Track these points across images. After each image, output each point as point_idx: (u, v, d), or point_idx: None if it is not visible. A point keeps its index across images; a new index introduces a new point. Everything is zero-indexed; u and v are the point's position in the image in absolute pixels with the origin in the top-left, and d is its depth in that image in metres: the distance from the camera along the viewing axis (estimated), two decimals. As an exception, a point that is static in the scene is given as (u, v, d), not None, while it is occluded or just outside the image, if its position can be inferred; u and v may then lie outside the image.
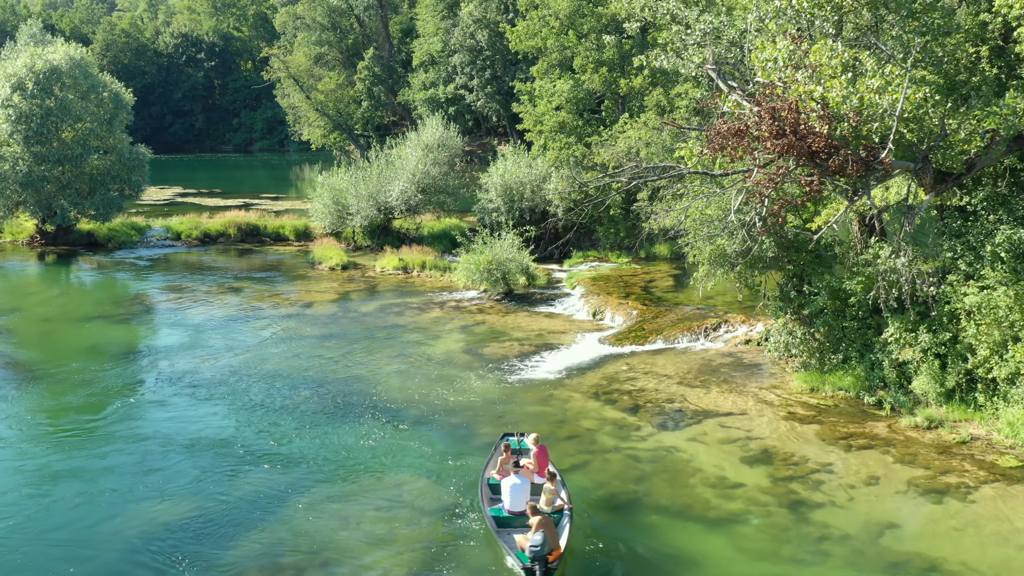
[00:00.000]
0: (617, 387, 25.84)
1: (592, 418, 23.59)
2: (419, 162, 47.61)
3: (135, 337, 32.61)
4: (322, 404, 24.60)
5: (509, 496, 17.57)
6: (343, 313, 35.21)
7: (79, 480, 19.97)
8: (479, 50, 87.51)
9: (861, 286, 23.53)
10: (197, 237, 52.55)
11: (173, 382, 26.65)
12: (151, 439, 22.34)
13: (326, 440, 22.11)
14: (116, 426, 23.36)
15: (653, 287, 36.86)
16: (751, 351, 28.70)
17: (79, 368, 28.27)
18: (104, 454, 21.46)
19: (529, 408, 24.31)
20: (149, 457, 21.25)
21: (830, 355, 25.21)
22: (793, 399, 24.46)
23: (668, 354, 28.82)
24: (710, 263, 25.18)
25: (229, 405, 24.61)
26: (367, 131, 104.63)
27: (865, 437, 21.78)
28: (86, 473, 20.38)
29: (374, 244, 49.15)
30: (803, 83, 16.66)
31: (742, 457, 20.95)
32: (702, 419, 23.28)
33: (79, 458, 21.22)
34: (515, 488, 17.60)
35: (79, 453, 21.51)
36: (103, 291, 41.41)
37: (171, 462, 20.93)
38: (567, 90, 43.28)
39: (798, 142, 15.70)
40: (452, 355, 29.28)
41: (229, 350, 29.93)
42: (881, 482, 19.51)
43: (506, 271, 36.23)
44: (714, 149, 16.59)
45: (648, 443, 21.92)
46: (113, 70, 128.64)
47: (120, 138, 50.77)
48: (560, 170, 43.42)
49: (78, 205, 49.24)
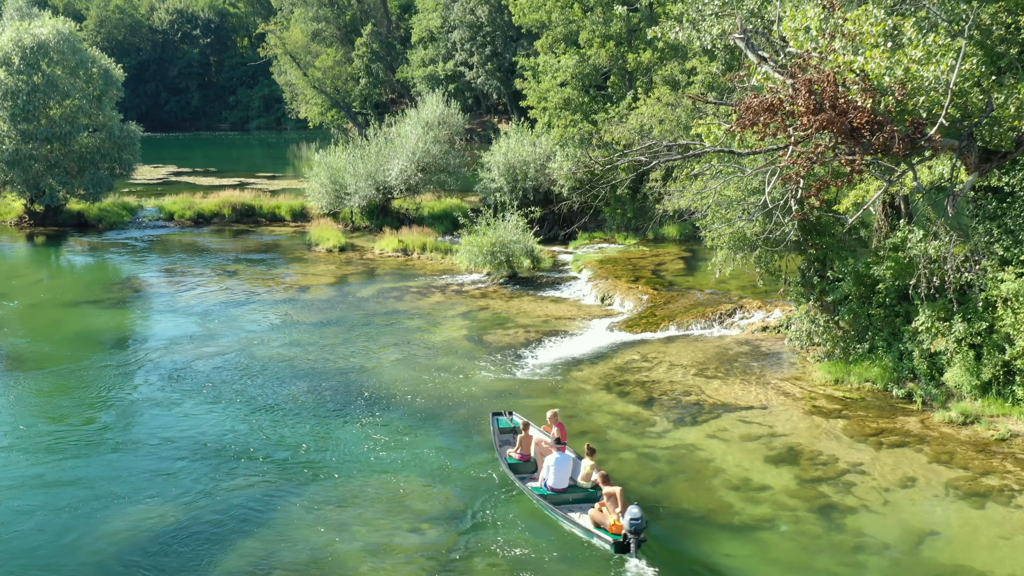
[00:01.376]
0: (630, 378, 24.48)
1: (604, 412, 22.24)
2: (419, 140, 46.03)
3: (124, 325, 31.23)
4: (319, 398, 23.25)
5: (553, 473, 17.27)
6: (341, 298, 33.81)
7: (62, 482, 18.66)
8: (479, 26, 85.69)
9: (891, 272, 22.14)
10: (190, 218, 51.01)
11: (162, 374, 25.29)
12: (138, 438, 21.02)
13: (324, 438, 20.77)
14: (101, 424, 22.04)
15: (663, 270, 35.44)
16: (768, 338, 27.34)
17: (64, 358, 26.93)
18: (88, 454, 20.13)
19: (538, 401, 22.95)
20: (135, 458, 19.92)
21: (855, 344, 23.84)
22: (817, 391, 23.11)
23: (681, 342, 27.45)
24: (729, 247, 23.74)
25: (221, 400, 23.26)
26: (365, 109, 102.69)
27: (897, 433, 20.44)
28: (69, 474, 19.08)
29: (373, 225, 47.67)
30: (841, 53, 15.20)
31: (766, 456, 19.62)
32: (721, 413, 21.93)
33: (61, 459, 19.87)
34: (559, 464, 17.34)
35: (61, 454, 20.17)
36: (92, 274, 39.98)
37: (159, 463, 19.60)
38: (572, 65, 41.68)
39: (838, 117, 14.26)
40: (454, 343, 27.91)
41: (222, 339, 28.55)
42: (917, 484, 18.19)
43: (510, 254, 34.80)
44: (744, 125, 15.14)
45: (665, 440, 20.58)
46: (107, 46, 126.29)
47: (110, 115, 49.17)
48: (565, 148, 41.88)
49: (67, 184, 47.74)
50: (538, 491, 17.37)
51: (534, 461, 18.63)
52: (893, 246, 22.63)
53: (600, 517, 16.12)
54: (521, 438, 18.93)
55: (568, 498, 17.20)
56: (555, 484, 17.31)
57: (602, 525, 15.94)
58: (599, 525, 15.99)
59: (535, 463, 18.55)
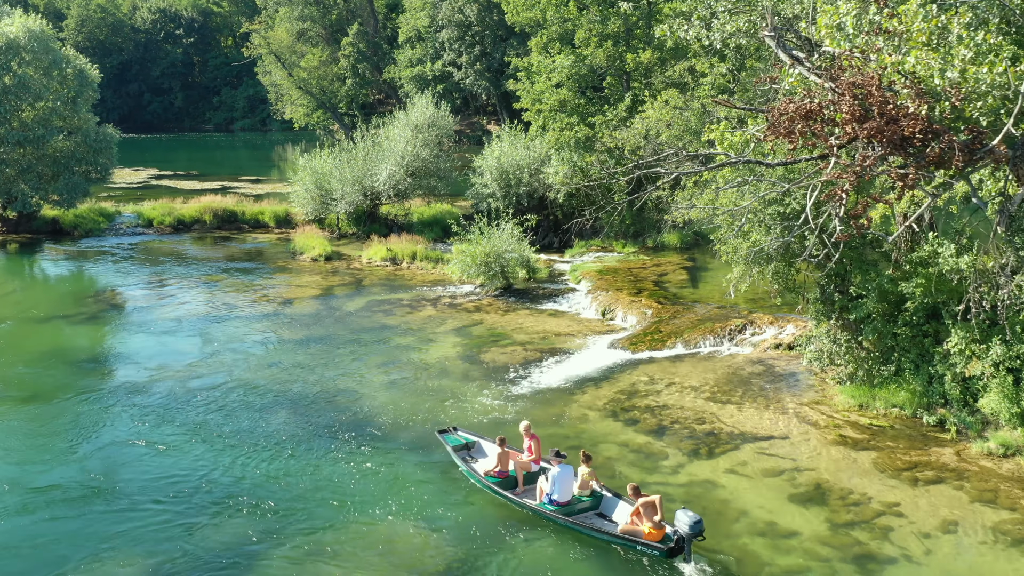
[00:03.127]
0: (637, 403, 22.75)
1: (612, 443, 20.49)
2: (408, 143, 44.21)
3: (94, 344, 29.29)
4: (302, 427, 21.41)
5: (559, 485, 16.89)
6: (327, 312, 31.96)
7: (14, 525, 16.79)
8: (468, 25, 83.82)
9: (920, 289, 20.46)
10: (170, 224, 49.00)
11: (133, 399, 23.40)
12: (103, 472, 19.14)
13: (307, 474, 18.94)
14: (64, 456, 20.12)
15: (666, 281, 33.72)
16: (782, 357, 25.66)
17: (30, 380, 25.06)
18: (48, 490, 18.24)
19: (539, 430, 21.12)
20: (100, 496, 18.08)
21: (879, 366, 22.16)
22: (840, 418, 21.42)
23: (690, 361, 25.73)
24: (746, 262, 22.01)
25: (196, 430, 21.38)
26: (352, 110, 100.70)
27: (932, 468, 18.77)
28: (25, 514, 17.19)
29: (360, 232, 45.82)
30: (887, 52, 13.51)
31: (792, 495, 17.91)
32: (739, 444, 20.21)
33: (16, 494, 17.98)
34: (564, 477, 16.92)
35: (18, 488, 18.27)
36: (65, 286, 38.02)
37: (125, 503, 17.76)
38: (568, 66, 39.90)
39: (888, 126, 12.57)
40: (448, 363, 26.13)
41: (199, 360, 26.68)
42: (961, 528, 16.51)
43: (504, 264, 33.03)
44: (778, 133, 13.42)
45: (680, 476, 18.85)
46: (88, 46, 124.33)
47: (85, 118, 47.13)
48: (561, 152, 40.13)
49: (40, 190, 45.72)
50: (545, 507, 16.96)
51: (514, 477, 18.07)
52: (920, 261, 20.98)
53: (633, 528, 15.94)
54: (500, 454, 18.19)
55: (575, 509, 16.92)
56: (561, 497, 16.89)
57: (636, 535, 15.79)
58: (633, 535, 15.81)
59: (515, 479, 18.02)
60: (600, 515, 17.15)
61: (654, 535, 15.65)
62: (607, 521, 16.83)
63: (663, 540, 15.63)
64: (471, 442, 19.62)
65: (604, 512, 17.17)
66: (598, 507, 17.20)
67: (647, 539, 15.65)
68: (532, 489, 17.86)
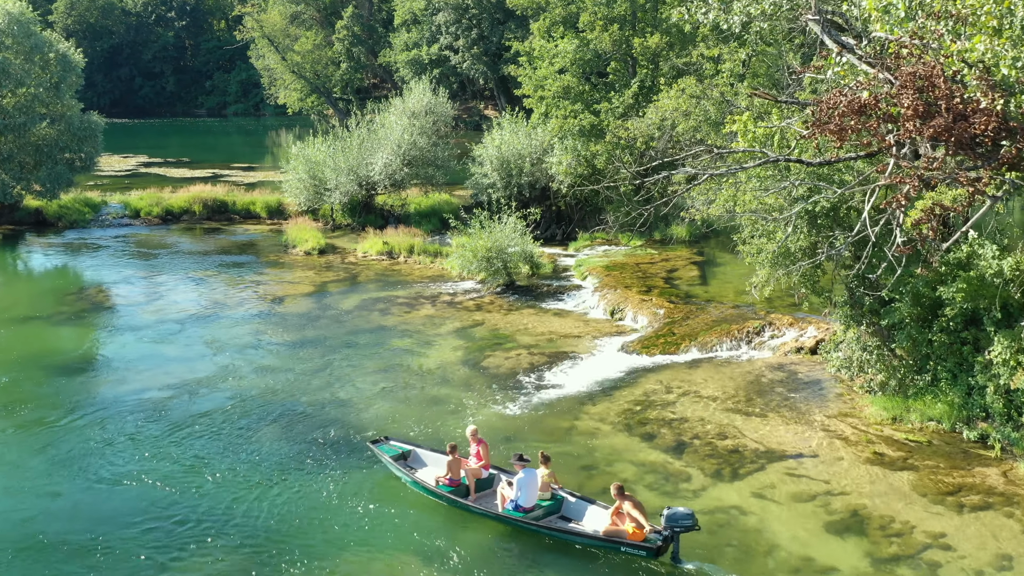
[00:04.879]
0: (653, 415, 21.18)
1: (628, 461, 18.94)
2: (404, 131, 42.45)
3: (77, 345, 27.64)
4: (293, 443, 19.82)
5: (525, 490, 16.25)
6: (320, 311, 30.33)
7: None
8: (465, 8, 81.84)
9: (961, 294, 18.88)
10: (158, 215, 47.17)
11: (112, 410, 21.80)
12: (77, 495, 17.56)
13: (297, 499, 17.37)
14: (36, 476, 18.53)
15: (676, 278, 32.09)
16: (804, 362, 24.11)
17: (5, 387, 23.44)
18: (16, 512, 16.67)
19: (548, 446, 19.57)
20: (74, 522, 16.51)
21: (914, 375, 20.62)
22: (872, 432, 19.88)
23: (707, 367, 24.18)
24: (772, 265, 20.39)
25: (178, 445, 19.78)
26: (346, 94, 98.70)
27: (977, 491, 17.25)
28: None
29: (355, 223, 44.12)
30: (951, 40, 11.88)
31: (827, 523, 16.38)
32: (765, 463, 18.67)
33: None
34: (529, 481, 16.31)
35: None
36: (47, 282, 36.36)
37: (97, 533, 16.19)
38: (572, 51, 38.13)
39: (956, 124, 10.97)
40: (448, 369, 24.54)
41: (184, 365, 25.05)
42: (1016, 563, 14.99)
43: (507, 259, 31.38)
44: (828, 131, 11.80)
45: (703, 500, 17.30)
46: (78, 29, 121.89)
47: (69, 104, 45.22)
48: (564, 141, 38.41)
49: (22, 180, 43.93)
50: (510, 513, 16.29)
51: (466, 486, 17.28)
52: (958, 263, 19.41)
53: (616, 528, 15.37)
54: (450, 462, 17.36)
55: (539, 514, 16.30)
56: (527, 502, 16.29)
57: (620, 535, 15.25)
58: (616, 536, 15.27)
59: (467, 488, 17.24)
60: (563, 518, 16.51)
61: (637, 535, 15.15)
62: (572, 524, 16.26)
63: (648, 540, 15.11)
64: (407, 451, 18.71)
65: (567, 515, 16.55)
66: (559, 510, 16.61)
67: (631, 539, 15.14)
68: (485, 496, 17.16)
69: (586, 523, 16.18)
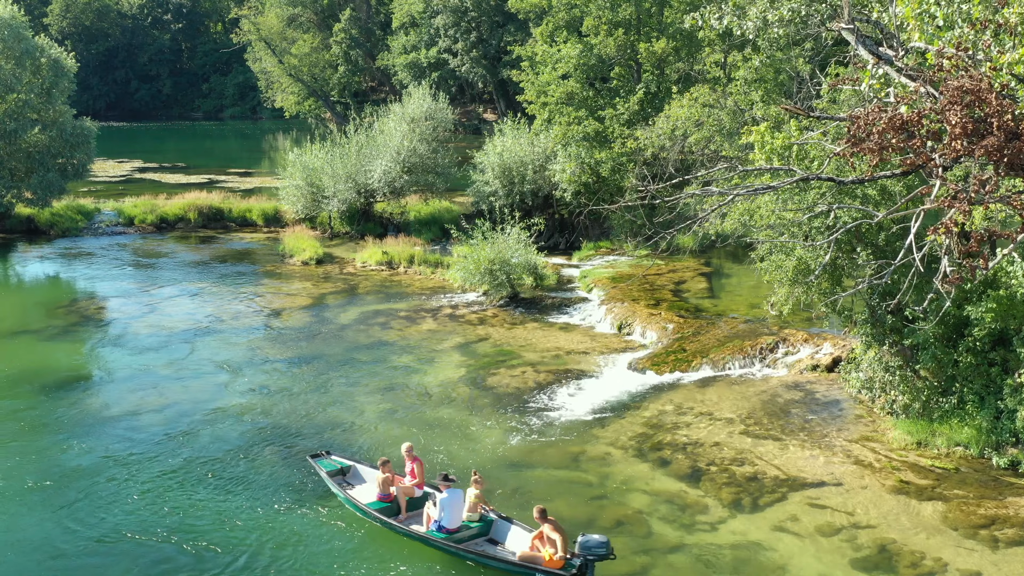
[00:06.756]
0: (665, 439, 20.29)
1: (641, 491, 18.04)
2: (404, 138, 41.57)
3: (67, 361, 26.69)
4: (289, 471, 18.90)
5: (449, 511, 15.82)
6: (318, 325, 29.41)
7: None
8: (464, 11, 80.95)
9: (991, 314, 18.03)
10: (152, 223, 46.19)
11: (102, 434, 20.88)
12: (65, 526, 16.65)
13: (293, 538, 16.45)
14: (18, 510, 17.62)
15: (684, 291, 31.20)
16: (821, 380, 23.23)
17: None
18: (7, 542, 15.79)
19: (556, 473, 18.79)
20: (53, 553, 15.61)
21: (938, 398, 19.75)
22: (896, 458, 18.99)
23: (719, 385, 23.29)
24: (792, 283, 19.50)
25: (170, 474, 18.85)
26: (344, 97, 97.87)
27: (1012, 523, 16.36)
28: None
29: (353, 231, 43.23)
30: (997, 50, 11.01)
31: (854, 560, 15.50)
32: (786, 493, 17.78)
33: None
34: (453, 502, 15.88)
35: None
36: (38, 294, 35.47)
37: (85, 563, 15.30)
38: (576, 56, 37.25)
39: (1010, 143, 10.10)
40: (451, 388, 23.65)
41: (177, 384, 24.14)
42: (1059, 605, 14.13)
43: (510, 271, 30.49)
44: (868, 149, 10.92)
45: (722, 534, 16.42)
46: (74, 32, 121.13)
47: (61, 110, 44.29)
48: (568, 148, 37.55)
49: (13, 188, 43.00)
50: (433, 534, 15.85)
51: (397, 503, 16.89)
52: (985, 280, 18.57)
53: (533, 554, 14.87)
54: (383, 479, 17.01)
55: (464, 536, 15.86)
56: (450, 524, 15.86)
57: (536, 562, 14.74)
58: (533, 562, 14.77)
59: (399, 505, 16.85)
60: (491, 540, 16.05)
61: (555, 563, 14.59)
62: (500, 547, 15.78)
63: (565, 567, 14.56)
64: (346, 467, 18.30)
65: (495, 537, 16.10)
66: (488, 532, 16.17)
67: (547, 566, 14.62)
68: (416, 515, 16.67)
69: (512, 546, 15.65)
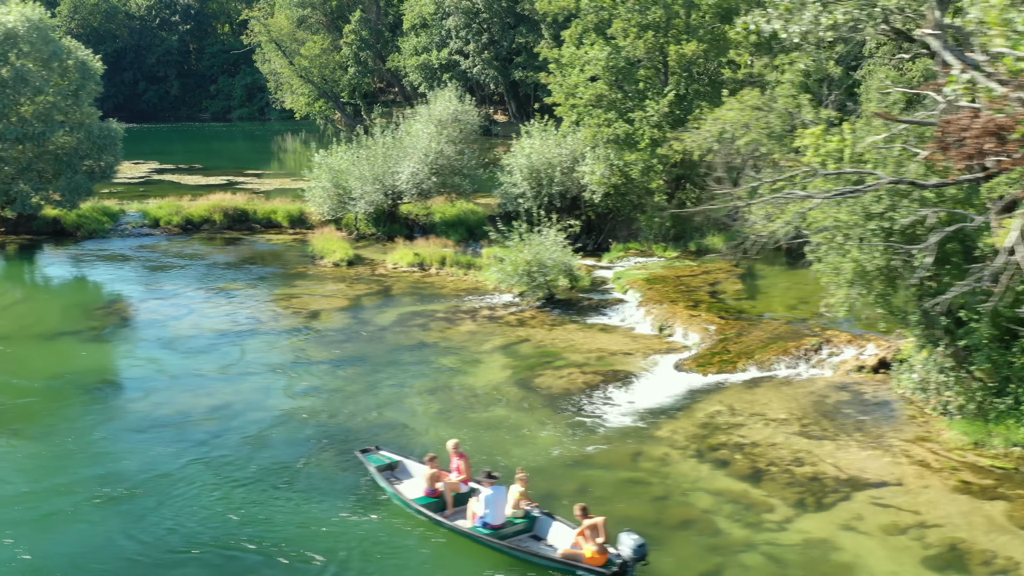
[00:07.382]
0: (722, 439, 20.46)
1: (704, 491, 18.21)
2: (432, 140, 41.71)
3: (106, 364, 26.86)
4: (357, 476, 18.97)
5: (493, 508, 16.09)
6: (357, 326, 29.56)
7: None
8: (475, 12, 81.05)
9: (1048, 316, 18.21)
10: (178, 224, 46.30)
11: (166, 439, 20.91)
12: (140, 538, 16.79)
13: (378, 547, 16.60)
14: (94, 519, 17.77)
15: (721, 291, 31.36)
16: (868, 381, 23.39)
17: (35, 410, 22.69)
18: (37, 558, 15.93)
19: (616, 473, 18.96)
20: (99, 558, 15.77)
21: (993, 398, 19.92)
22: (954, 458, 19.16)
23: (767, 386, 23.46)
24: (850, 285, 19.66)
25: (241, 480, 18.82)
26: (354, 99, 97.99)
27: (1077, 523, 16.54)
28: None
29: (380, 232, 43.34)
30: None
31: (924, 558, 15.68)
32: (849, 492, 17.94)
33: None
34: (497, 499, 16.16)
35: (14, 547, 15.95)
36: (70, 295, 35.60)
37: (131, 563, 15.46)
38: (604, 58, 37.38)
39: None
40: (499, 389, 23.80)
41: (223, 386, 24.27)
42: None
43: (547, 273, 30.64)
44: (962, 155, 11.11)
45: (790, 534, 16.58)
46: (82, 34, 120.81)
47: (88, 112, 44.36)
48: (596, 150, 37.71)
49: (41, 190, 43.06)
50: (478, 530, 16.12)
51: (443, 499, 17.21)
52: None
53: (575, 551, 15.11)
54: (430, 475, 17.34)
55: (508, 532, 16.13)
56: (494, 520, 16.11)
57: (577, 559, 14.98)
58: (574, 559, 15.00)
59: (445, 501, 17.17)
60: (535, 537, 16.33)
61: (597, 559, 14.85)
62: (543, 544, 16.07)
63: (606, 564, 14.82)
64: (395, 462, 18.66)
65: (539, 534, 16.36)
66: (532, 529, 16.44)
67: (588, 563, 14.86)
68: (462, 511, 16.90)
69: (555, 542, 15.88)
